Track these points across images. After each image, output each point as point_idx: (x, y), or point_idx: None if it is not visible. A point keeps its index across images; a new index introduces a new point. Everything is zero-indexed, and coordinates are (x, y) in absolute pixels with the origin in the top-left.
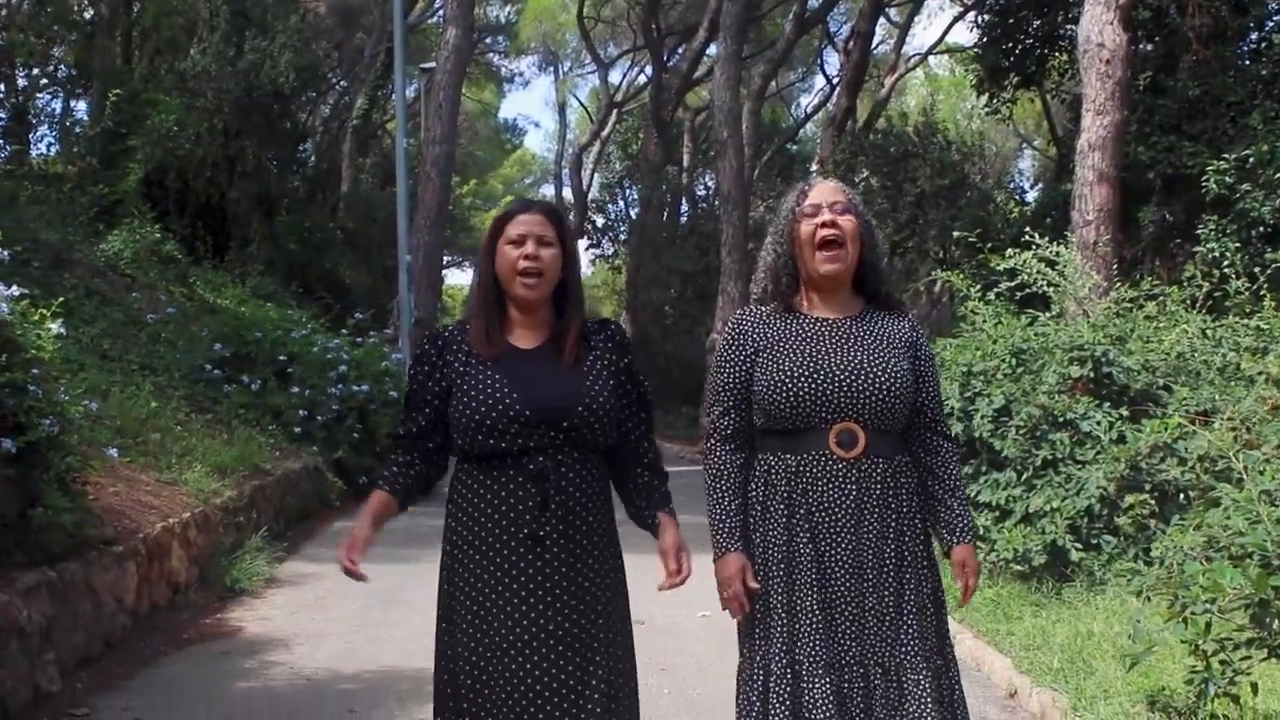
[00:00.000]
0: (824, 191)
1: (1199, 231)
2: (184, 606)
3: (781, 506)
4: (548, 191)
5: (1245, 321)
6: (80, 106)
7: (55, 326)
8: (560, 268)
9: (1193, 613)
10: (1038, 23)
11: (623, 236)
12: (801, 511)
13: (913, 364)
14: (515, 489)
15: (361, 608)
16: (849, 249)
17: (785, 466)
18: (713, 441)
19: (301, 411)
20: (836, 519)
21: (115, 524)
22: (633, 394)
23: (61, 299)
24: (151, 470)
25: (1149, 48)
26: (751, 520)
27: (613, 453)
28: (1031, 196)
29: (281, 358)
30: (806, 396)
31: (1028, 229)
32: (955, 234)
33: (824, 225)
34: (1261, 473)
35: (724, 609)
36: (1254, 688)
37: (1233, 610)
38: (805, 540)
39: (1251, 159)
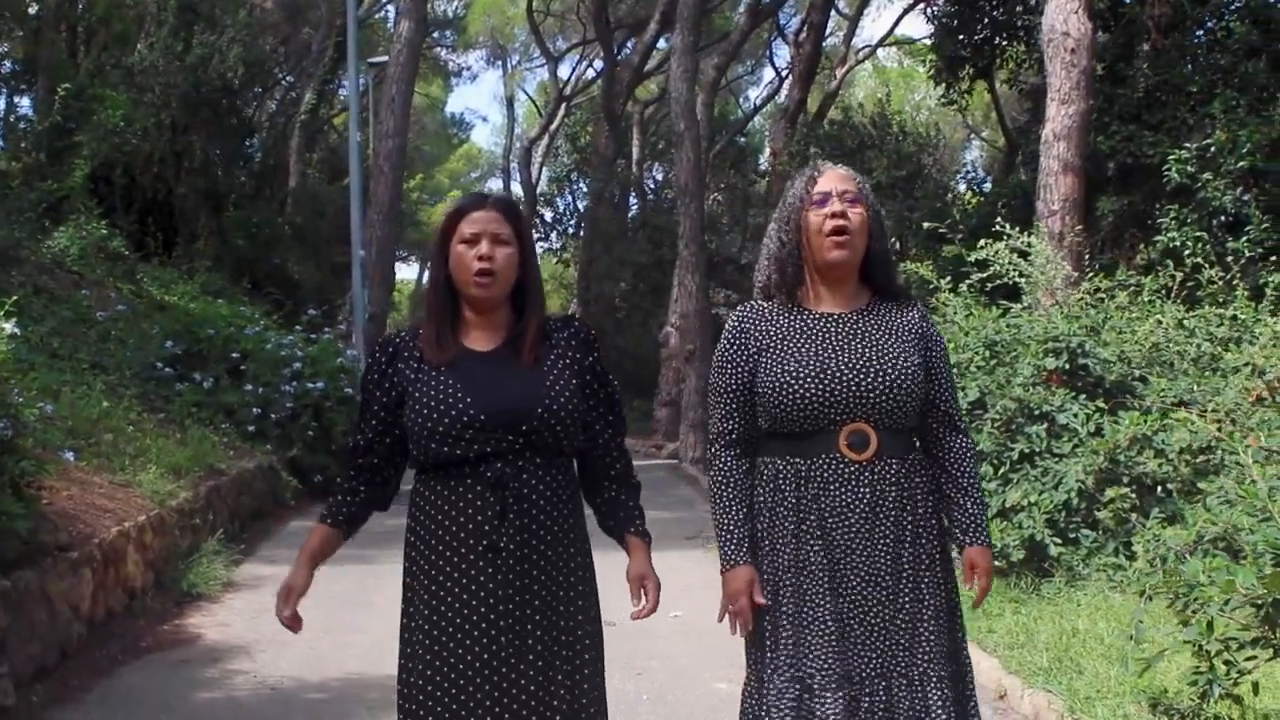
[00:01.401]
0: (833, 179)
1: (1159, 221)
2: (141, 613)
3: (790, 513)
4: (495, 185)
5: (1221, 311)
6: (24, 103)
7: (9, 326)
8: (517, 265)
9: (1194, 611)
10: (994, 13)
11: (571, 230)
12: (812, 518)
13: (924, 357)
14: (473, 498)
15: (324, 612)
16: (857, 239)
17: (794, 471)
18: (716, 447)
19: (255, 410)
20: (850, 525)
21: (70, 529)
22: (599, 394)
23: (14, 298)
24: (105, 472)
25: (1106, 37)
26: (759, 528)
27: (582, 458)
28: (986, 188)
29: (234, 355)
30: (814, 398)
31: (998, 219)
32: (926, 225)
33: (833, 216)
34: (1264, 465)
35: (724, 622)
36: (1255, 688)
37: (1237, 609)
38: (817, 548)
39: (1213, 148)
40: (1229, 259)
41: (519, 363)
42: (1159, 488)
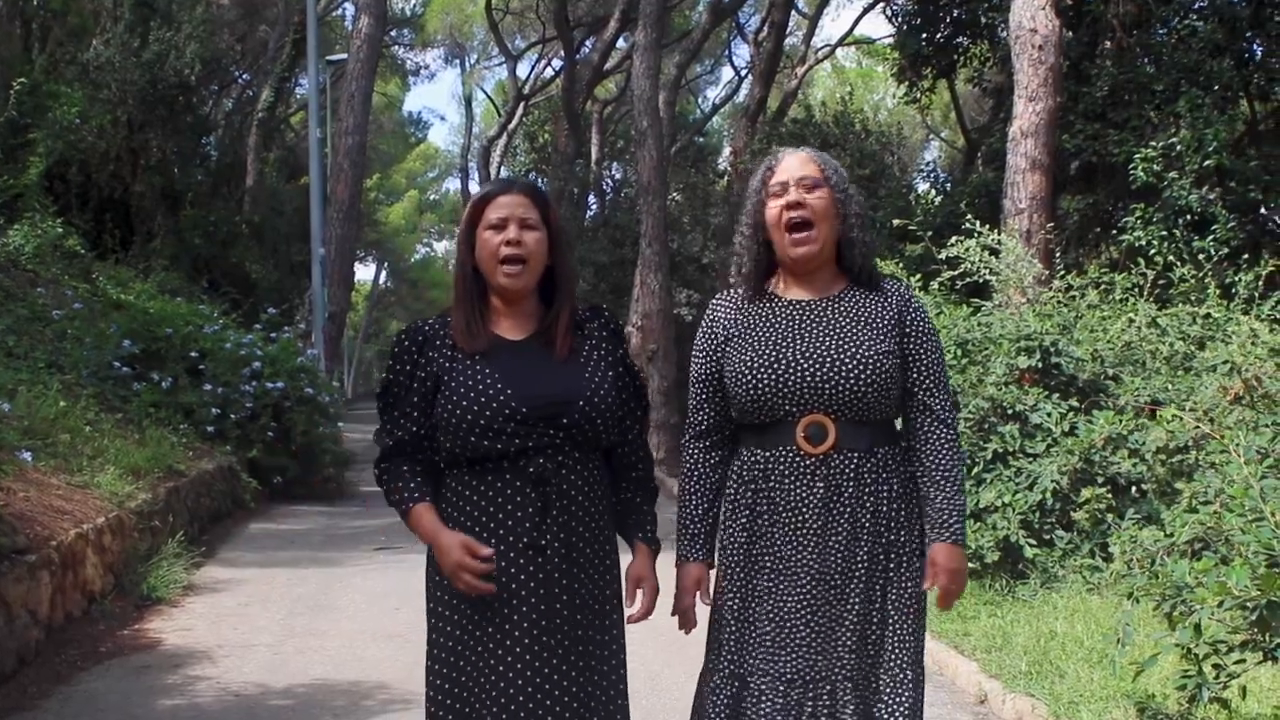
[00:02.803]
0: (792, 165)
1: (1124, 220)
2: (100, 617)
3: (745, 506)
4: (453, 186)
5: (1194, 310)
6: None
7: None
8: (546, 252)
9: (1182, 614)
10: (957, 11)
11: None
12: (764, 511)
13: (899, 344)
14: (513, 494)
15: (287, 615)
16: (820, 229)
17: (756, 463)
18: (687, 437)
19: (214, 410)
20: (803, 520)
21: (27, 531)
22: (629, 387)
23: None
24: (62, 473)
25: (1071, 35)
26: (723, 521)
27: (610, 451)
28: (948, 187)
29: (193, 354)
30: (768, 388)
31: (965, 218)
32: (895, 222)
33: (790, 206)
34: (1257, 464)
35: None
36: (1243, 691)
37: (1227, 611)
38: (766, 544)
39: (1178, 146)
40: (1199, 257)
41: (553, 354)
42: (1134, 488)
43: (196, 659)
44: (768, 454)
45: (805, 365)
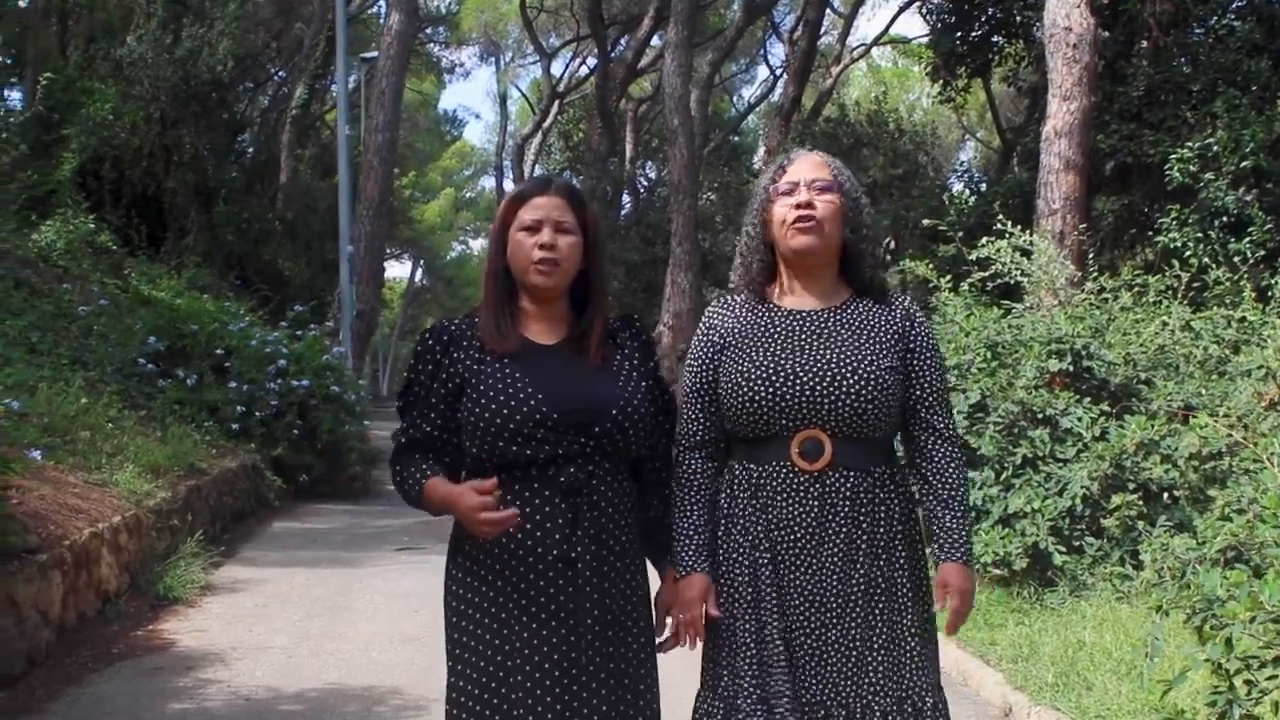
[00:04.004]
0: (804, 167)
1: (1160, 222)
2: (114, 618)
3: (742, 523)
4: (488, 184)
5: (1228, 313)
6: (15, 96)
7: None
8: (581, 257)
9: (1212, 627)
10: (992, 10)
11: None
12: (760, 528)
13: (902, 360)
14: (542, 504)
15: (304, 617)
16: (825, 229)
17: (749, 478)
18: (680, 449)
19: (239, 407)
20: (795, 539)
21: (40, 530)
22: (660, 400)
23: None
24: (80, 471)
25: (1107, 34)
26: (719, 536)
27: (638, 465)
28: (983, 188)
29: (219, 351)
30: (764, 401)
31: (998, 218)
32: (925, 222)
33: (798, 206)
34: None
35: (676, 633)
36: (1276, 708)
37: (1259, 625)
38: (766, 561)
39: (1215, 147)
40: (1234, 260)
41: (585, 360)
42: (1166, 495)
43: (209, 661)
44: (760, 469)
45: (803, 378)
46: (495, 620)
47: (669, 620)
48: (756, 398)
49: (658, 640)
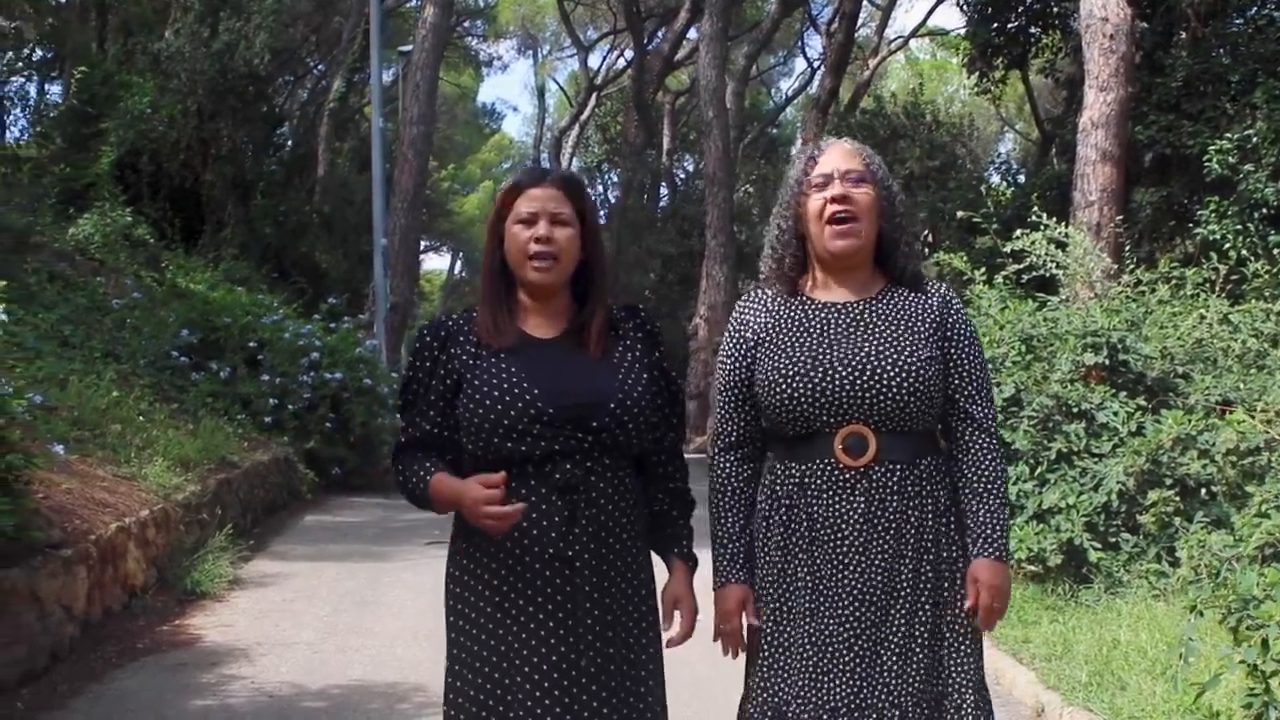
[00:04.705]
0: (836, 157)
1: (1199, 214)
2: (140, 612)
3: (779, 524)
4: None
5: (1267, 306)
6: (56, 90)
7: None
8: (579, 249)
9: (1249, 629)
10: (1029, 0)
11: (602, 220)
12: (802, 529)
13: (940, 350)
14: (538, 501)
15: (331, 612)
16: (863, 224)
17: (790, 477)
18: (715, 450)
19: (272, 400)
20: (842, 537)
21: (65, 525)
22: (665, 392)
23: (6, 283)
24: (109, 465)
25: (1145, 25)
26: (756, 539)
27: (642, 459)
28: (1020, 180)
29: (252, 344)
30: (805, 397)
31: (1034, 210)
32: (960, 215)
33: (834, 200)
34: None
35: (717, 641)
36: None
37: None
38: (803, 563)
39: (1255, 138)
40: (1274, 252)
41: (585, 354)
42: (1203, 490)
43: (234, 657)
44: (803, 468)
45: (843, 373)
46: (493, 621)
47: (676, 615)
48: (796, 394)
49: (665, 637)
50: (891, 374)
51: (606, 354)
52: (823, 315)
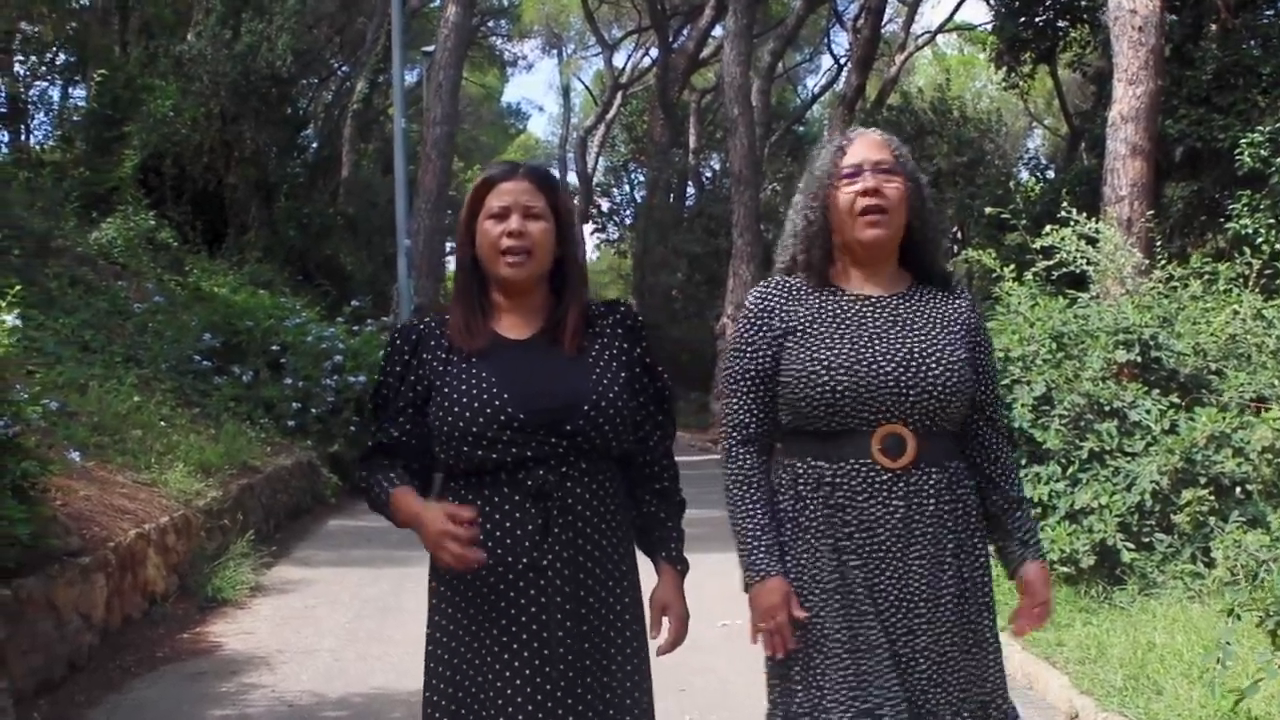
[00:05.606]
0: (866, 147)
1: (1230, 208)
2: (160, 620)
3: (823, 525)
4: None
5: None
6: (80, 94)
7: (10, 319)
8: (554, 243)
9: None
10: None
11: (628, 220)
12: (837, 532)
13: (970, 352)
14: (511, 509)
15: (354, 618)
16: (894, 217)
17: (818, 476)
18: (733, 443)
19: (295, 404)
20: (880, 542)
21: (84, 532)
22: (649, 389)
23: (18, 287)
24: (129, 471)
25: (1175, 17)
26: (787, 542)
27: (627, 461)
28: (1049, 175)
29: (274, 347)
30: (847, 393)
31: (1064, 205)
32: (989, 211)
33: (865, 193)
34: None
35: (757, 642)
36: None
37: None
38: (856, 564)
39: None
40: None
41: (559, 353)
42: (1239, 489)
43: (254, 665)
44: (834, 468)
45: (889, 369)
46: (467, 633)
47: (665, 621)
48: (838, 388)
49: (653, 646)
50: (936, 371)
51: (582, 352)
52: (858, 307)
